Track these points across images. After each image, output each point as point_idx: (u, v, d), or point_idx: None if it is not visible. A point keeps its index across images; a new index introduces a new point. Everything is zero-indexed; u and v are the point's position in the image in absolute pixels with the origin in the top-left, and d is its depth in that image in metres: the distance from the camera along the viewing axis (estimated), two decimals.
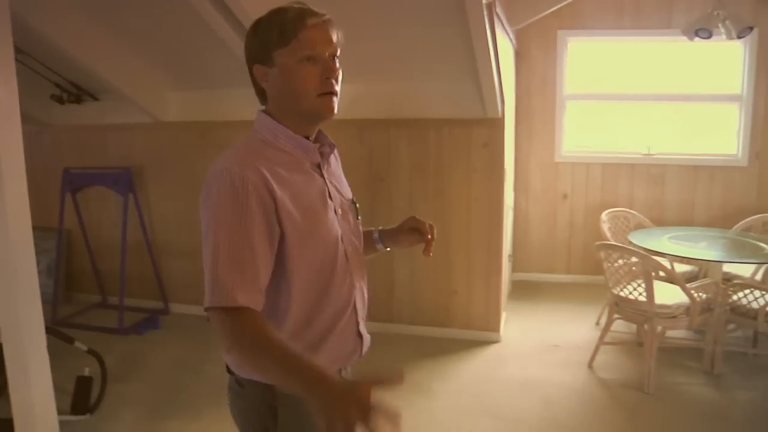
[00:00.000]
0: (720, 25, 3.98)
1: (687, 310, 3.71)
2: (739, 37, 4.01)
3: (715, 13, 3.95)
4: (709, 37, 4.03)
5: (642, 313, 3.72)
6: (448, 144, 4.33)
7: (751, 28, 4.02)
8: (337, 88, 1.47)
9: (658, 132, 5.70)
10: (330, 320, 1.55)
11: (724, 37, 4.09)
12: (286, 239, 1.42)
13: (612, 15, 5.51)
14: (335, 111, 1.48)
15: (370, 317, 4.71)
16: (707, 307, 3.82)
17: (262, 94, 1.54)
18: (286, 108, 1.49)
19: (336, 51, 1.48)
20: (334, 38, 1.47)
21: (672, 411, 3.55)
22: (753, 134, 5.50)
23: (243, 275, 1.34)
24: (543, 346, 4.43)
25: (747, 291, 3.80)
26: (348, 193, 1.68)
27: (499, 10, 3.87)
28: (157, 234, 5.14)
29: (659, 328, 3.80)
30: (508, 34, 4.70)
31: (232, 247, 1.34)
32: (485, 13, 3.35)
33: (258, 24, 1.49)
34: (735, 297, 3.85)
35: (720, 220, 5.45)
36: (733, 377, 3.97)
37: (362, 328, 1.66)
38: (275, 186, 1.40)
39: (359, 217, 1.69)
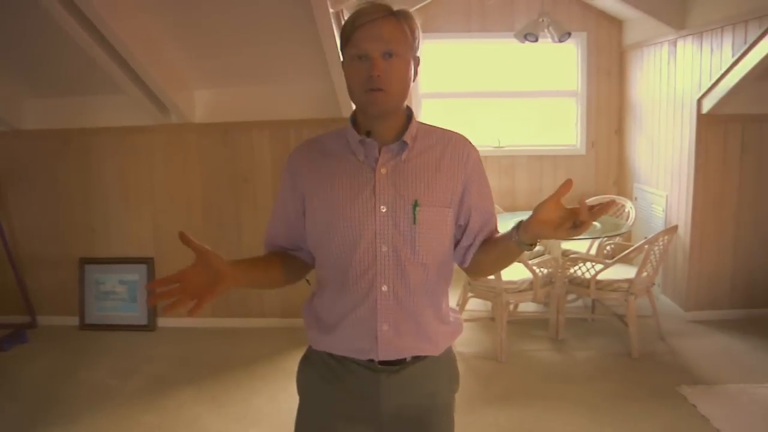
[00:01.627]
0: (545, 30, 4.46)
1: (531, 284, 4.16)
2: (560, 41, 4.51)
3: (541, 19, 4.42)
4: (536, 40, 4.50)
5: (491, 290, 4.13)
6: None
7: (569, 34, 4.53)
8: (388, 84, 1.48)
9: (508, 126, 6.21)
10: (345, 308, 1.58)
11: (549, 40, 4.58)
12: (316, 213, 1.59)
13: (461, 19, 5.95)
14: (379, 107, 1.50)
15: (244, 313, 4.90)
16: (549, 281, 4.29)
17: None
18: (355, 104, 1.57)
19: (389, 47, 1.47)
20: (388, 35, 1.48)
21: (521, 375, 3.98)
22: (588, 126, 6.13)
23: (271, 228, 1.76)
24: None
25: (581, 264, 4.30)
26: (422, 194, 1.55)
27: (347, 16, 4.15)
28: (21, 246, 4.98)
29: (509, 302, 4.23)
30: None
31: (275, 206, 1.74)
32: (333, 20, 3.63)
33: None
34: (572, 270, 4.34)
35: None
36: (574, 341, 4.48)
37: (380, 333, 1.56)
38: (305, 169, 1.62)
39: (415, 221, 1.53)
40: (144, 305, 4.79)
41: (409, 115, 1.62)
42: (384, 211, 1.53)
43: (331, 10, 3.58)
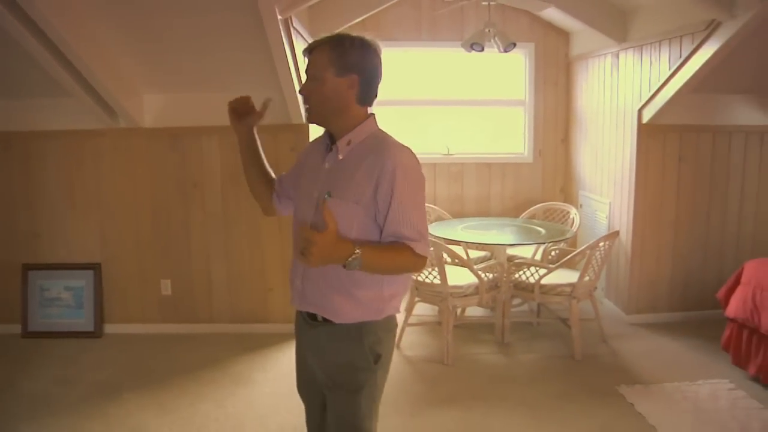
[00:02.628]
0: (491, 40, 4.56)
1: (476, 288, 4.24)
2: (505, 51, 4.62)
3: (487, 30, 4.52)
4: (482, 50, 4.60)
5: (438, 294, 4.20)
6: None
7: (514, 44, 4.64)
8: (310, 101, 1.93)
9: (458, 134, 6.31)
10: (291, 262, 2.10)
11: (495, 50, 4.68)
12: (292, 187, 2.18)
13: (411, 27, 6.03)
14: (309, 119, 1.97)
15: (192, 318, 4.89)
16: (494, 285, 4.38)
17: None
18: None
19: (312, 73, 1.91)
20: (314, 63, 1.91)
21: (467, 377, 4.05)
22: (536, 134, 6.27)
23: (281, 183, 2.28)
24: None
25: (526, 269, 4.40)
26: (336, 189, 1.90)
27: (297, 24, 4.18)
28: None
29: (455, 307, 4.31)
30: None
31: None
32: (281, 27, 3.66)
33: None
34: (517, 275, 4.45)
35: (512, 210, 6.17)
36: (519, 344, 4.58)
37: (296, 285, 2.04)
38: (305, 156, 2.16)
39: (316, 209, 1.92)
40: (91, 311, 4.73)
41: (359, 123, 1.95)
42: (315, 196, 1.95)
43: (279, 18, 3.62)
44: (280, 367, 4.21)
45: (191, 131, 4.60)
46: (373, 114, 2.00)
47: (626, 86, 5.17)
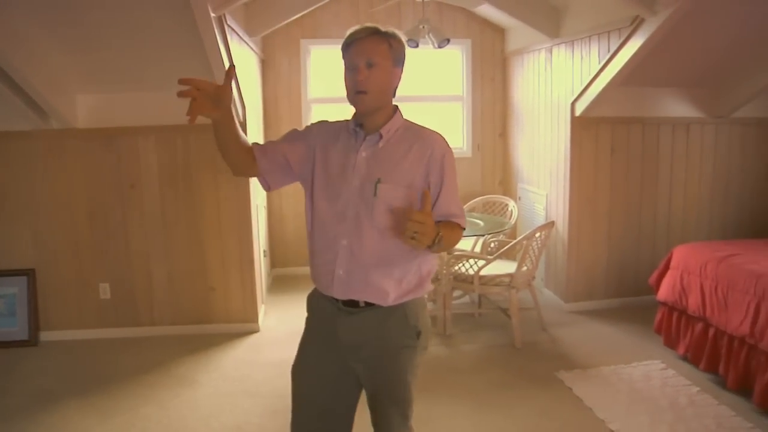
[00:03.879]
0: (426, 36, 4.62)
1: None
2: (439, 47, 4.68)
3: (421, 26, 4.58)
4: (416, 46, 4.65)
5: None
6: (195, 149, 4.55)
7: (448, 40, 4.71)
8: (370, 87, 1.92)
9: None
10: (318, 248, 2.07)
11: (430, 46, 4.75)
12: (315, 172, 2.06)
13: (349, 25, 5.95)
14: (364, 105, 1.95)
15: (133, 322, 4.81)
16: (435, 278, 4.45)
17: None
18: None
19: (369, 58, 1.91)
20: (370, 50, 1.91)
21: None
22: (474, 129, 6.38)
23: (270, 141, 2.14)
24: (298, 330, 4.77)
25: (465, 261, 4.48)
26: (385, 176, 1.96)
27: (232, 22, 4.16)
28: None
29: None
30: (248, 44, 5.02)
31: (286, 135, 2.18)
32: (215, 25, 3.64)
33: None
34: (457, 267, 4.52)
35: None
36: (462, 335, 4.67)
37: (337, 275, 2.00)
38: (321, 139, 2.08)
39: (375, 194, 1.95)
40: (25, 319, 4.60)
41: (394, 112, 2.04)
42: (356, 184, 1.97)
43: (212, 15, 3.60)
44: (224, 367, 4.19)
45: (127, 131, 4.52)
46: (398, 106, 2.09)
47: (559, 80, 5.31)
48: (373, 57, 1.91)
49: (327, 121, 2.16)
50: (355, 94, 1.93)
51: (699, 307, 3.91)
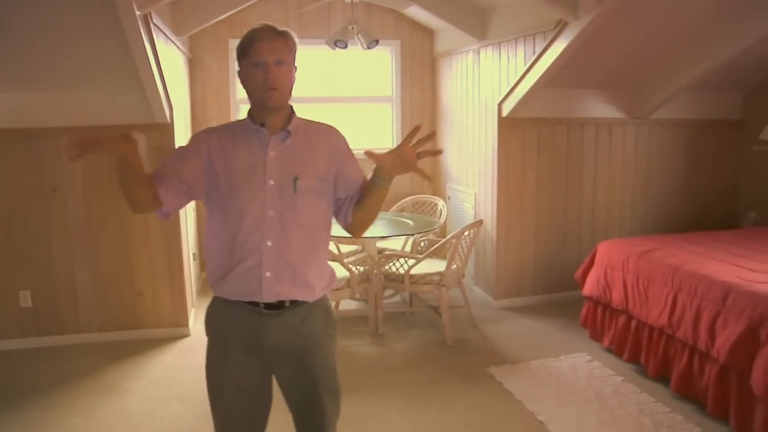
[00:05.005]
0: (355, 37, 4.64)
1: (348, 281, 4.30)
2: (368, 48, 4.70)
3: (350, 27, 4.59)
4: (345, 47, 4.66)
5: None
6: None
7: (377, 41, 4.74)
8: (280, 84, 1.93)
9: None
10: (236, 257, 2.00)
11: (359, 47, 4.76)
12: (219, 181, 1.99)
13: (277, 25, 5.99)
14: (275, 102, 1.95)
15: (57, 330, 4.63)
16: (365, 278, 4.47)
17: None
18: (250, 101, 2.01)
19: (279, 57, 1.91)
20: (279, 48, 1.92)
21: (342, 370, 3.99)
22: (403, 129, 6.43)
23: (161, 163, 2.03)
24: None
25: (396, 260, 4.51)
26: (301, 170, 1.99)
27: (158, 20, 4.08)
28: None
29: None
30: (175, 43, 4.93)
31: (173, 155, 2.06)
32: (140, 24, 3.55)
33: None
34: (387, 266, 4.55)
35: (385, 204, 6.28)
36: (393, 334, 4.70)
37: (266, 278, 1.98)
38: (214, 146, 2.01)
39: (296, 191, 1.97)
40: None
41: (291, 111, 2.05)
42: (272, 184, 1.97)
43: (138, 13, 3.51)
44: (154, 373, 4.09)
45: (48, 132, 4.35)
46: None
47: (487, 82, 5.41)
48: (281, 55, 1.93)
49: (212, 127, 2.12)
50: (265, 90, 1.93)
51: (622, 300, 4.05)
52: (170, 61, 4.71)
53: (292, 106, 2.07)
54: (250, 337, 2.04)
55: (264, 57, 1.91)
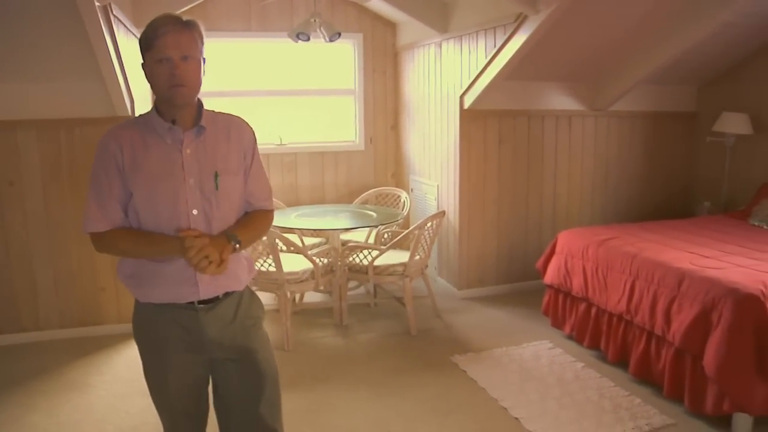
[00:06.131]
0: (317, 30, 4.63)
1: (312, 273, 4.31)
2: (330, 40, 4.70)
3: (313, 20, 4.58)
4: (308, 40, 4.65)
5: (274, 282, 4.23)
6: (80, 143, 4.35)
7: (339, 34, 4.73)
8: (187, 81, 1.86)
9: (291, 124, 6.33)
10: (162, 264, 1.94)
11: (321, 39, 4.76)
12: (136, 185, 1.89)
13: (240, 18, 5.96)
14: (183, 98, 1.88)
15: (16, 328, 4.53)
16: (330, 270, 4.48)
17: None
18: (157, 97, 1.94)
19: (185, 52, 1.84)
20: (184, 42, 1.84)
21: (307, 361, 4.12)
22: (366, 122, 6.45)
23: (101, 209, 1.91)
24: None
25: (359, 252, 4.54)
26: (220, 166, 1.96)
27: (118, 12, 4.03)
28: None
29: (292, 293, 4.36)
30: (136, 36, 4.86)
31: (94, 191, 1.92)
32: (100, 15, 3.50)
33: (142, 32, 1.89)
34: (351, 258, 4.57)
35: (346, 197, 6.33)
36: (358, 325, 4.73)
37: (199, 277, 1.95)
38: (126, 151, 1.88)
39: (217, 188, 1.95)
40: None
41: (200, 105, 1.99)
42: (191, 182, 1.92)
43: (97, 4, 3.46)
44: (118, 368, 4.06)
45: (5, 125, 4.24)
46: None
47: (449, 74, 5.45)
48: (187, 50, 1.85)
49: (117, 128, 1.95)
50: (171, 87, 1.85)
51: (582, 288, 4.14)
52: (131, 53, 4.64)
53: (200, 99, 2.00)
54: (188, 336, 2.01)
55: (168, 52, 1.82)
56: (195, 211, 1.92)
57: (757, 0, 4.40)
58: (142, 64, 1.90)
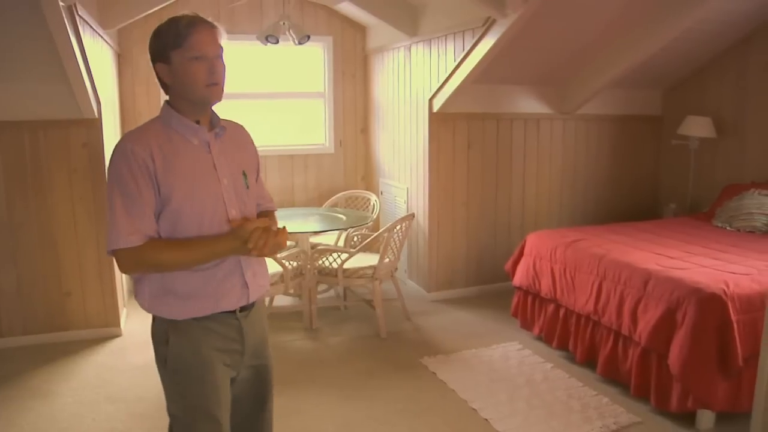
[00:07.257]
0: (287, 32, 4.62)
1: (281, 277, 4.29)
2: (299, 43, 4.69)
3: (282, 22, 4.57)
4: (277, 42, 4.63)
5: None
6: (45, 146, 4.26)
7: (308, 37, 4.73)
8: (221, 79, 1.85)
9: (261, 127, 6.30)
10: (206, 273, 1.86)
11: (290, 42, 4.75)
12: (170, 191, 1.79)
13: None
14: (218, 97, 1.86)
15: None
16: (299, 273, 4.46)
17: (165, 88, 1.86)
18: (181, 97, 1.84)
19: (219, 51, 1.82)
20: (220, 41, 1.83)
21: (277, 365, 3.92)
22: (336, 126, 6.44)
23: (134, 220, 1.75)
24: None
25: (329, 255, 4.53)
26: (244, 166, 1.97)
27: (84, 13, 3.97)
28: None
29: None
30: (102, 37, 4.80)
31: (125, 200, 1.75)
32: (65, 15, 3.45)
33: (158, 30, 1.83)
34: (320, 261, 4.56)
35: (316, 200, 6.31)
36: (328, 328, 4.72)
37: (248, 279, 1.93)
38: (156, 155, 1.77)
39: (248, 186, 1.96)
40: None
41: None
42: (225, 182, 1.90)
43: (62, 4, 3.40)
44: (84, 375, 3.98)
45: None
46: None
47: (418, 78, 5.47)
48: (219, 49, 1.84)
49: (139, 133, 1.83)
50: (208, 86, 1.81)
51: (550, 289, 4.18)
52: (98, 55, 4.58)
53: None
54: (230, 348, 1.94)
55: (205, 49, 1.78)
56: (233, 212, 1.89)
57: (715, 8, 4.51)
58: (163, 65, 1.81)
